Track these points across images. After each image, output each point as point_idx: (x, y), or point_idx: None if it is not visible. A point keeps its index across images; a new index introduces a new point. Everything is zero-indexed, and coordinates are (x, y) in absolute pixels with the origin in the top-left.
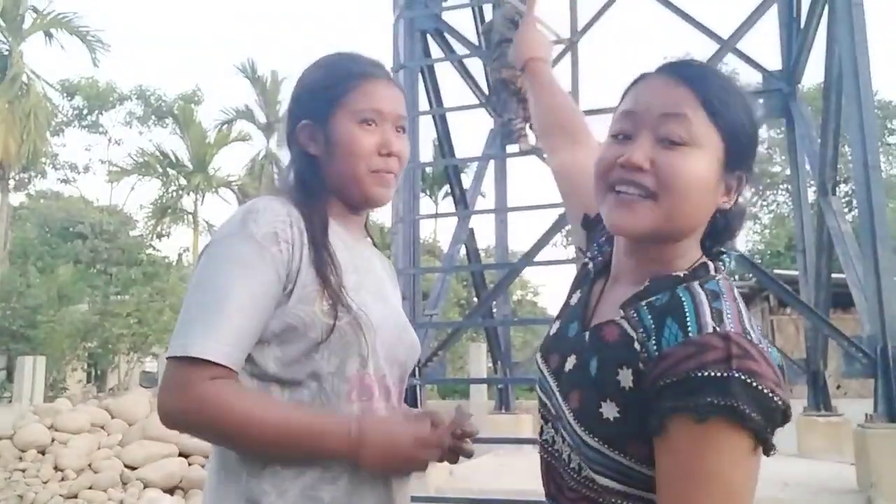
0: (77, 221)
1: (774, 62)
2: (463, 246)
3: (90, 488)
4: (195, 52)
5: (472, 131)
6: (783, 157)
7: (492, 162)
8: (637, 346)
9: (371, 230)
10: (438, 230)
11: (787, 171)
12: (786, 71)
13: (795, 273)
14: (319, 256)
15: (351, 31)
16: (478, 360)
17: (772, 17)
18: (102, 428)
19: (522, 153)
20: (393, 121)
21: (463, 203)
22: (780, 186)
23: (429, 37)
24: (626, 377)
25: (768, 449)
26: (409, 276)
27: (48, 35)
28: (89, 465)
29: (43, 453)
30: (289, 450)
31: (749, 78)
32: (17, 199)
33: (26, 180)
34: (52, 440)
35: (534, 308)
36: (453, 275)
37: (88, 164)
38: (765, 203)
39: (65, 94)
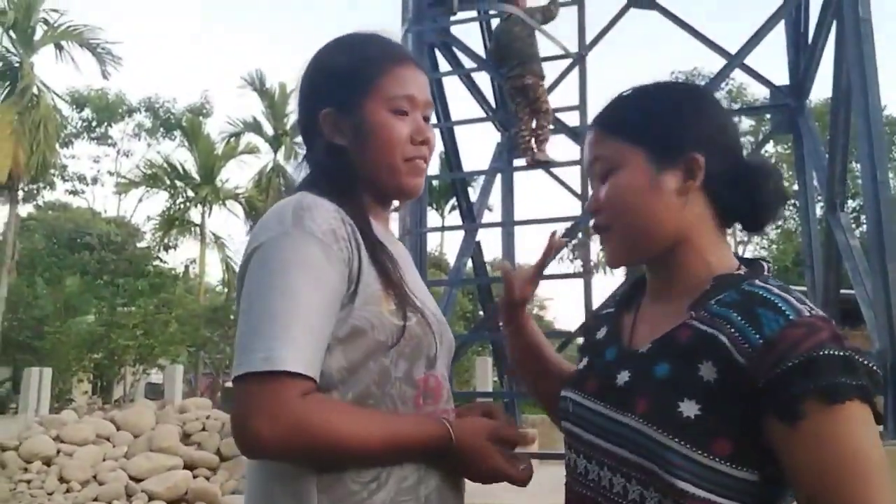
0: (85, 233)
1: (782, 77)
2: (469, 259)
3: (95, 500)
4: (204, 65)
5: (479, 144)
6: (790, 173)
7: (499, 175)
8: (724, 338)
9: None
10: (445, 243)
11: (795, 187)
12: (793, 86)
13: (803, 289)
14: (379, 254)
15: None
16: (484, 374)
17: (779, 33)
18: (108, 440)
19: (529, 167)
20: (423, 108)
21: (470, 216)
22: (788, 202)
23: (436, 50)
24: (708, 371)
25: (878, 419)
26: None
27: (59, 47)
28: (94, 477)
29: (48, 465)
30: (393, 459)
31: (757, 93)
32: (25, 210)
33: (35, 192)
34: (58, 451)
35: (540, 322)
36: (459, 288)
37: (97, 176)
38: None
39: (74, 106)
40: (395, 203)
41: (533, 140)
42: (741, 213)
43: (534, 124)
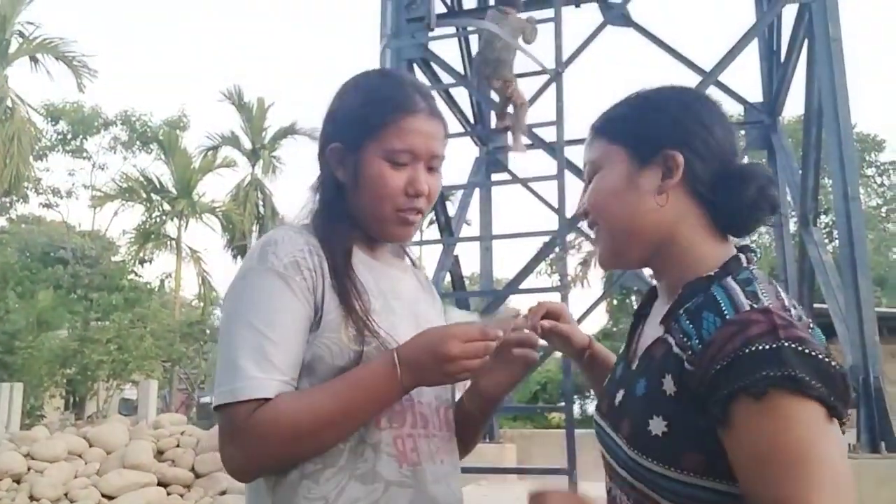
0: (58, 246)
1: (756, 94)
2: (448, 273)
3: None
4: (181, 78)
5: (457, 159)
6: None
7: (477, 190)
8: (677, 349)
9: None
10: (423, 257)
11: None
12: (767, 103)
13: None
14: (341, 282)
15: (338, 59)
16: (462, 387)
17: (753, 51)
18: (80, 456)
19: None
20: (427, 160)
21: (448, 230)
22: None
23: (415, 66)
24: (668, 384)
25: (840, 417)
26: None
27: (34, 60)
28: (66, 495)
29: (18, 482)
30: (361, 409)
31: (732, 109)
32: None
33: (8, 205)
34: (28, 469)
35: None
36: None
37: (72, 189)
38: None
39: (49, 119)
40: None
41: (509, 133)
42: (724, 216)
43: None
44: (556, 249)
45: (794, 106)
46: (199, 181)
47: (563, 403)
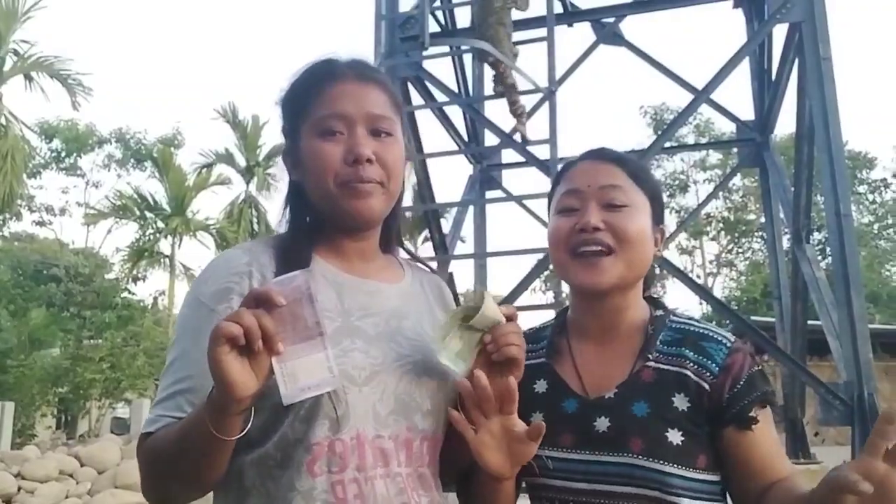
0: (51, 264)
1: (748, 112)
2: None
3: None
4: (176, 96)
5: (452, 177)
6: (758, 206)
7: (471, 207)
8: (689, 374)
9: (397, 241)
10: None
11: (762, 219)
12: (759, 121)
13: (772, 320)
14: None
15: None
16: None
17: (744, 69)
18: (71, 476)
19: (524, 140)
20: (365, 122)
21: (442, 248)
22: (756, 234)
23: (409, 84)
24: (681, 401)
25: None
26: None
27: (28, 78)
28: None
29: (9, 502)
30: (188, 451)
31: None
32: None
33: (1, 222)
34: (19, 489)
35: None
36: None
37: (65, 207)
38: (741, 250)
39: (43, 137)
40: (383, 230)
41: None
42: (646, 280)
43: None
44: (551, 266)
45: (785, 124)
46: (193, 199)
47: None
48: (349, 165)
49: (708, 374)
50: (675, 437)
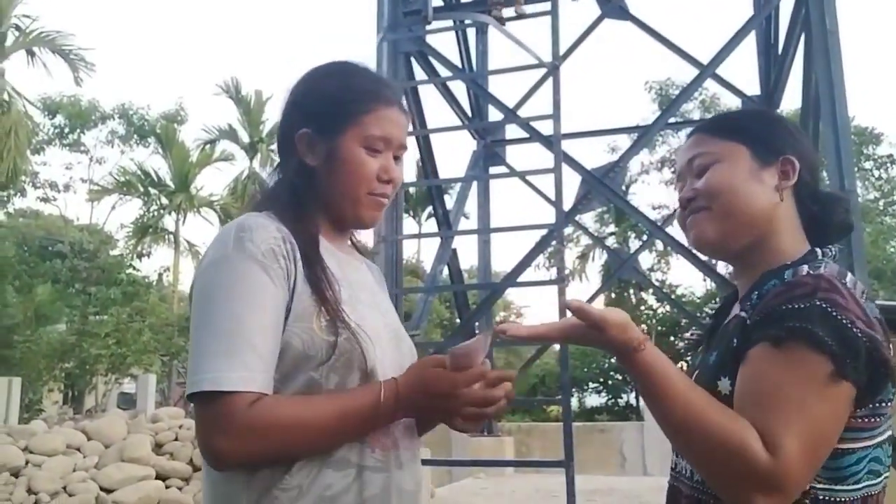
0: (56, 240)
1: (754, 87)
2: (446, 266)
3: None
4: (179, 72)
5: (455, 153)
6: None
7: (475, 183)
8: (743, 314)
9: (355, 240)
10: (421, 251)
11: None
12: (764, 96)
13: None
14: (314, 272)
15: (335, 52)
16: None
17: (750, 44)
18: (78, 450)
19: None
20: (396, 149)
21: (446, 224)
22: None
23: (412, 59)
24: (734, 346)
25: (847, 378)
26: (392, 297)
27: (30, 53)
28: (64, 488)
29: (16, 476)
30: (343, 437)
31: (730, 102)
32: None
33: (5, 199)
34: (27, 462)
35: None
36: (436, 295)
37: (69, 183)
38: None
39: (46, 113)
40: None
41: None
42: (815, 226)
43: None
44: (554, 243)
45: (791, 99)
46: (196, 175)
47: (560, 396)
48: (380, 182)
49: (751, 307)
50: (724, 385)
